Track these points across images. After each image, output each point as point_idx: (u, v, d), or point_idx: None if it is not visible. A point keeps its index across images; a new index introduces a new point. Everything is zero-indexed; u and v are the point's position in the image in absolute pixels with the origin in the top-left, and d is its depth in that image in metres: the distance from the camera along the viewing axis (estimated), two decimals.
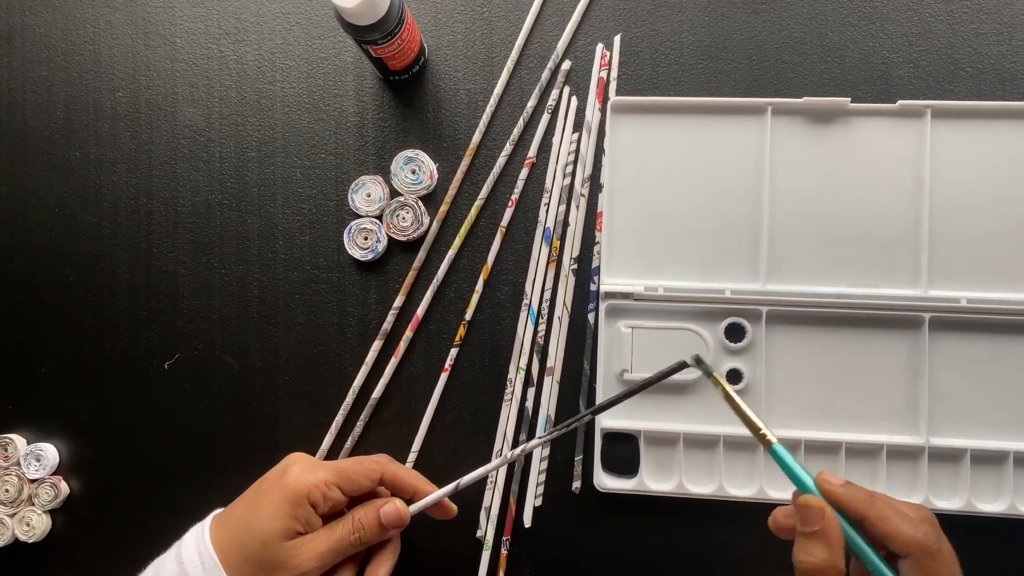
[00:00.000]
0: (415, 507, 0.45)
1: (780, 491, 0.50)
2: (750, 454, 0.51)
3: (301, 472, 0.43)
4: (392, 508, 0.45)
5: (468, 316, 0.53)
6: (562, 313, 0.53)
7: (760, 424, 0.40)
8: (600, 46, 0.53)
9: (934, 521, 0.38)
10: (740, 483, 0.51)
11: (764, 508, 0.50)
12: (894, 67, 0.52)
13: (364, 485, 0.45)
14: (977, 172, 0.50)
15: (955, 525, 0.50)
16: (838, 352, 0.51)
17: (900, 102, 0.50)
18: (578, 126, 0.54)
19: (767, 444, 0.40)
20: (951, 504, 0.49)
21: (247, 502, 0.44)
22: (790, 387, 0.51)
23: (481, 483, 0.52)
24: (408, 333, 0.54)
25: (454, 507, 0.47)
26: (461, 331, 0.53)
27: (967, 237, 0.50)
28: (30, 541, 0.54)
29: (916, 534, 0.35)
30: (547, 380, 0.53)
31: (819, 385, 0.51)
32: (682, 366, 0.42)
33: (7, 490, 0.54)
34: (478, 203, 0.54)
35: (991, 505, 0.49)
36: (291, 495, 0.42)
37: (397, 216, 0.54)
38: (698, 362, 0.42)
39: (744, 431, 0.50)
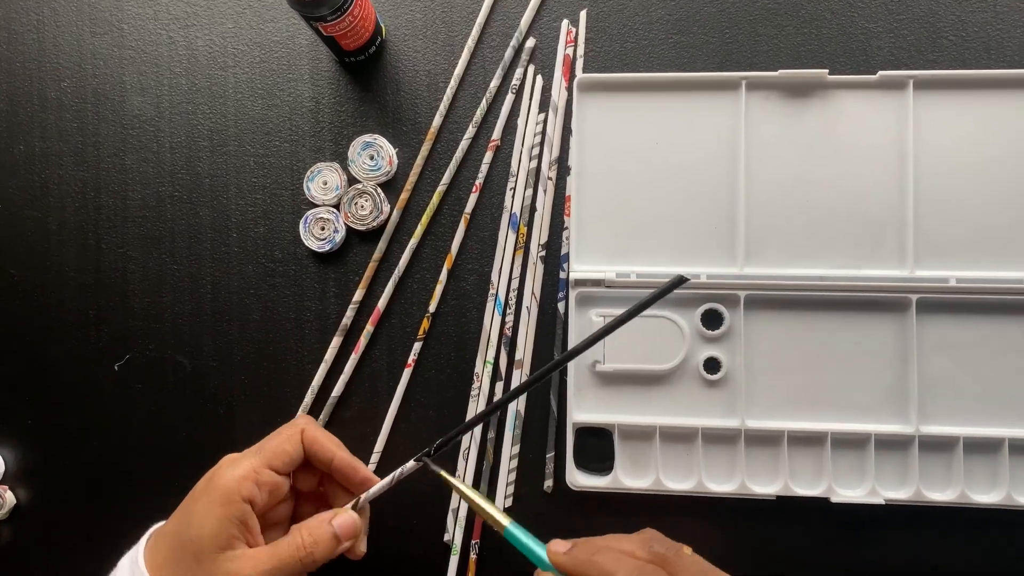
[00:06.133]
0: (363, 499, 0.44)
1: (762, 487, 0.47)
2: (730, 447, 0.48)
3: (227, 469, 0.41)
4: (347, 518, 0.42)
5: (432, 308, 0.51)
6: (530, 303, 0.50)
7: (490, 509, 0.42)
8: (565, 22, 0.51)
9: (664, 551, 0.38)
10: (720, 478, 0.48)
11: (745, 504, 0.48)
12: (873, 37, 0.50)
13: (291, 452, 0.43)
14: (963, 144, 0.48)
15: (949, 518, 0.47)
16: (821, 338, 0.48)
17: (881, 73, 0.48)
18: (544, 106, 0.51)
19: (501, 527, 0.41)
20: (944, 496, 0.47)
21: (180, 515, 0.41)
22: (771, 375, 0.48)
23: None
24: (369, 327, 0.51)
25: (362, 549, 0.44)
26: (425, 324, 0.51)
27: (954, 213, 0.48)
28: None
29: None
30: (516, 373, 0.50)
31: (802, 373, 0.48)
32: (681, 281, 0.37)
33: None
34: (440, 189, 0.51)
35: (986, 496, 0.47)
36: (220, 495, 0.39)
37: (355, 204, 0.51)
38: (424, 463, 0.43)
39: (725, 423, 0.48)
